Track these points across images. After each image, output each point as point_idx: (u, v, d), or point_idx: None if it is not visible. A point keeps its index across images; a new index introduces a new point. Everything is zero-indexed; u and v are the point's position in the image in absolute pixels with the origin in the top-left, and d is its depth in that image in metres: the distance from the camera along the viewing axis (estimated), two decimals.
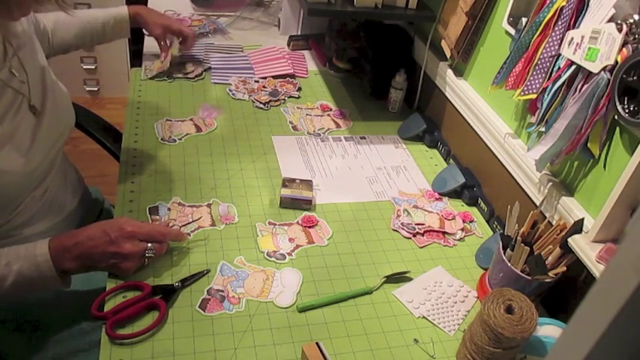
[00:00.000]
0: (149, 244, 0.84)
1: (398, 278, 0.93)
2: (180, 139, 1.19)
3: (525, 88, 0.91)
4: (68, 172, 1.05)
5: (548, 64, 0.87)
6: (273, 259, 0.93)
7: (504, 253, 0.86)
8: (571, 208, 0.86)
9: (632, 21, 0.73)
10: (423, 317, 0.87)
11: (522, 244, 0.84)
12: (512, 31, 1.00)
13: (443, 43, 1.22)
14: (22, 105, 0.86)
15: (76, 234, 0.81)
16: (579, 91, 0.81)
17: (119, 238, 0.81)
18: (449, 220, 1.07)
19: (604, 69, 0.76)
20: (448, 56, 1.21)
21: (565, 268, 0.82)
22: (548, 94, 0.87)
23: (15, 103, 0.85)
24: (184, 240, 0.92)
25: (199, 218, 0.98)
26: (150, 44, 1.46)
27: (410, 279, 0.93)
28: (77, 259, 0.79)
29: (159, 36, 1.36)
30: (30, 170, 0.86)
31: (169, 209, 0.99)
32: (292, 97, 1.42)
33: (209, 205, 1.02)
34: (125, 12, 1.29)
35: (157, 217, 0.97)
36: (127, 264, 0.82)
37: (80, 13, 1.25)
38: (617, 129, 0.80)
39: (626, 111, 0.73)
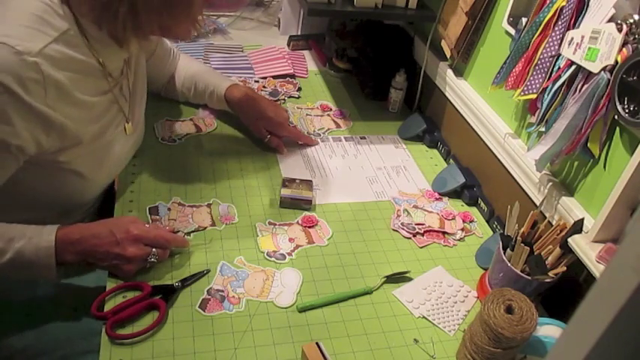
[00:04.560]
0: (153, 249, 0.84)
1: (398, 278, 0.93)
2: (180, 139, 1.19)
3: (525, 88, 0.91)
4: None
5: (548, 64, 0.87)
6: (273, 259, 0.93)
7: (504, 253, 0.86)
8: (571, 208, 0.86)
9: (632, 21, 0.73)
10: (423, 317, 0.87)
11: (522, 244, 0.84)
12: (513, 31, 1.00)
13: (443, 43, 1.22)
14: (120, 123, 0.93)
15: (82, 229, 0.81)
16: (579, 91, 0.81)
17: (124, 241, 0.81)
18: (449, 220, 1.07)
19: (604, 69, 0.76)
20: (448, 56, 1.21)
21: (565, 268, 0.82)
22: (548, 94, 0.87)
23: (116, 120, 0.92)
24: (187, 247, 0.92)
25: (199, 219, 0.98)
26: None
27: (410, 279, 0.93)
28: (79, 254, 0.79)
29: (262, 135, 1.19)
30: (106, 183, 0.95)
31: (169, 209, 0.99)
32: (292, 97, 1.42)
33: (209, 205, 1.02)
34: (222, 91, 1.17)
35: (157, 217, 0.97)
36: (129, 266, 0.82)
37: (197, 65, 1.25)
38: (617, 129, 0.80)
39: (626, 111, 0.73)
